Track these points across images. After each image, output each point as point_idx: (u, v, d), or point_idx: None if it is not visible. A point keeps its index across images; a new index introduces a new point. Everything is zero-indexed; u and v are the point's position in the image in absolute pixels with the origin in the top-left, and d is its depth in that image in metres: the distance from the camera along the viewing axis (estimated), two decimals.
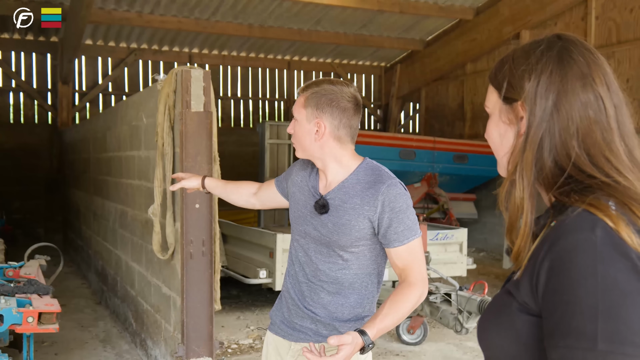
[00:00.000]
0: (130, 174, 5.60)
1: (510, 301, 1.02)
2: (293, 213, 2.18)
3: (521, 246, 1.03)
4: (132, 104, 5.52)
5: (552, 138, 1.02)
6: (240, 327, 6.32)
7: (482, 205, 12.19)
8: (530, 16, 11.06)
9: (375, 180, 1.98)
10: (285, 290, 2.19)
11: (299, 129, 2.06)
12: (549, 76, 1.03)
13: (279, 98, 14.73)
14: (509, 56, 1.12)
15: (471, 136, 12.67)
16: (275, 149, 10.16)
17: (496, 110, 1.13)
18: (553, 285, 0.93)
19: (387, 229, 1.95)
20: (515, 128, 1.08)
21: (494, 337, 1.05)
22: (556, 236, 0.95)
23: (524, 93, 1.05)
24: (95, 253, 7.70)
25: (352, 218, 1.97)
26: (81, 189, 8.98)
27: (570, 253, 0.92)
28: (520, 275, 1.01)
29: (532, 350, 0.98)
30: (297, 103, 2.08)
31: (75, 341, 5.72)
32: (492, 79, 1.14)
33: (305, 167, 2.20)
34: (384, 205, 1.94)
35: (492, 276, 9.14)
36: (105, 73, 13.09)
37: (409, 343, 5.70)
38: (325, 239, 2.03)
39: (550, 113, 1.02)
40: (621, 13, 9.76)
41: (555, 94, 1.02)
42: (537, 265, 0.96)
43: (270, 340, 2.25)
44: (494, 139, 1.15)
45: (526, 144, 1.04)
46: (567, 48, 1.04)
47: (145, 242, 5.07)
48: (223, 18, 11.59)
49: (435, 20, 12.49)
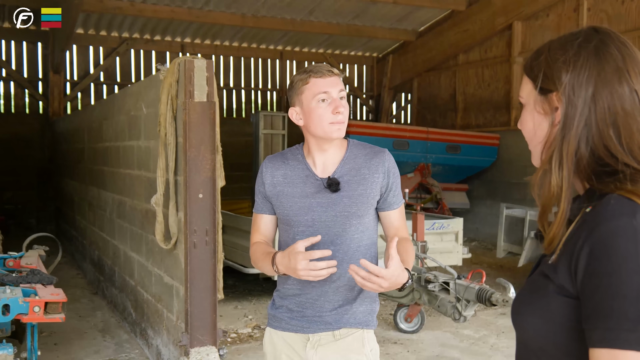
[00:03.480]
0: (128, 163, 5.60)
1: (547, 283, 1.05)
2: (290, 209, 2.12)
3: (556, 232, 1.06)
4: (131, 93, 5.51)
5: (590, 128, 1.05)
6: (239, 317, 6.36)
7: (474, 196, 12.29)
8: (522, 7, 11.12)
9: (374, 151, 2.15)
10: (290, 286, 2.16)
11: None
12: (587, 69, 1.06)
13: (271, 88, 14.72)
14: (545, 47, 1.14)
15: (463, 127, 12.75)
16: (269, 139, 10.16)
17: (531, 100, 1.15)
18: (593, 269, 0.97)
19: (389, 193, 2.14)
20: (549, 118, 1.11)
21: (528, 317, 1.08)
22: (596, 222, 0.99)
23: (561, 84, 1.07)
24: (91, 243, 7.70)
25: (367, 187, 2.10)
26: (75, 179, 8.95)
27: (612, 238, 0.96)
28: (556, 259, 1.04)
29: (567, 331, 1.02)
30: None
31: (73, 331, 5.72)
32: (527, 70, 1.17)
33: (275, 164, 2.17)
34: (388, 171, 2.13)
35: (484, 265, 9.23)
36: (97, 62, 13.00)
37: (406, 331, 5.77)
38: (344, 213, 2.08)
39: (588, 104, 1.05)
40: (613, 5, 9.84)
41: (593, 86, 1.05)
42: (576, 249, 1.00)
43: (276, 339, 2.21)
44: (528, 129, 1.17)
45: (565, 134, 1.07)
46: (604, 41, 1.07)
47: (145, 232, 5.08)
48: (216, 7, 11.55)
49: (428, 11, 12.51)
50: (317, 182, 2.11)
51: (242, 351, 5.32)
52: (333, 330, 2.12)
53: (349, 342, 2.13)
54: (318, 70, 2.07)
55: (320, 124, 2.06)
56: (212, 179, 4.03)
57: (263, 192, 2.18)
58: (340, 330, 2.12)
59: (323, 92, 2.05)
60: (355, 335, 2.14)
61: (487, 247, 11.23)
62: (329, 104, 2.05)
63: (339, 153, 2.15)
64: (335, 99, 2.06)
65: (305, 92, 2.08)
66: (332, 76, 2.07)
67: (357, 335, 2.14)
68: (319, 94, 2.05)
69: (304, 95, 2.08)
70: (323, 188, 2.10)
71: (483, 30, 11.97)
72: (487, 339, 5.70)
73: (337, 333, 2.12)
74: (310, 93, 2.06)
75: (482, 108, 12.49)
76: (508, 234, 7.59)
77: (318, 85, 2.05)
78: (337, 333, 2.12)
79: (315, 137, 2.11)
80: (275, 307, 2.22)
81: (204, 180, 4.01)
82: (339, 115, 2.05)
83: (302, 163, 2.15)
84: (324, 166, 2.14)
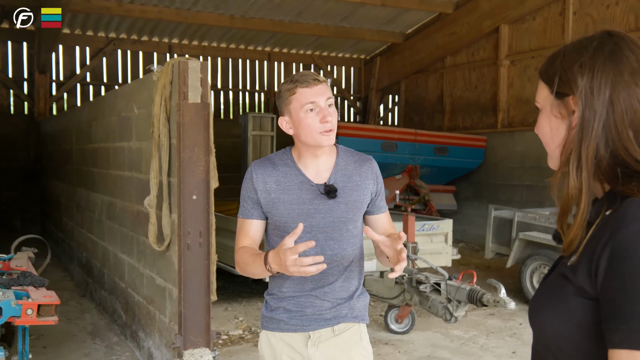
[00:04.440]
0: (119, 165, 5.57)
1: (566, 284, 1.07)
2: (287, 215, 2.12)
3: (575, 233, 1.08)
4: (122, 94, 5.48)
5: (608, 131, 1.07)
6: (229, 318, 6.35)
7: (461, 197, 12.37)
8: (509, 10, 11.22)
9: (362, 159, 2.23)
10: (287, 289, 2.17)
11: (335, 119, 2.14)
12: (603, 72, 1.07)
13: (259, 89, 14.70)
14: (560, 52, 1.16)
15: (450, 129, 12.82)
16: (258, 140, 10.18)
17: (547, 105, 1.17)
18: (615, 271, 0.98)
19: (377, 197, 2.23)
20: (566, 122, 1.13)
21: (547, 317, 1.10)
22: (617, 225, 1.01)
23: (577, 88, 1.09)
24: (79, 245, 7.64)
25: (360, 193, 2.18)
26: (62, 180, 8.88)
27: (634, 241, 0.98)
28: (576, 261, 1.06)
29: (585, 332, 1.04)
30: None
31: (62, 334, 5.68)
32: (542, 75, 1.19)
33: (265, 169, 2.16)
34: (376, 177, 2.22)
35: (472, 266, 9.28)
36: (83, 63, 12.90)
37: (397, 332, 5.79)
38: (341, 219, 2.14)
39: (606, 107, 1.07)
40: (598, 9, 9.96)
41: (610, 88, 1.07)
42: (596, 252, 1.02)
43: (274, 341, 2.21)
44: (545, 133, 1.19)
45: (583, 137, 1.08)
46: (619, 45, 1.09)
47: (136, 234, 5.06)
48: (204, 8, 11.52)
49: (416, 13, 12.58)
50: (312, 188, 2.13)
51: (233, 353, 5.31)
52: (332, 325, 2.18)
53: (348, 336, 2.20)
54: (304, 79, 2.07)
55: (310, 133, 2.08)
56: (206, 181, 4.03)
57: (254, 198, 2.16)
58: (339, 326, 2.19)
59: (310, 102, 2.06)
60: (353, 330, 2.22)
61: (474, 248, 11.30)
62: (317, 114, 2.07)
63: (330, 159, 2.18)
64: (323, 108, 2.07)
65: (293, 103, 2.09)
66: (319, 84, 2.08)
67: (354, 329, 2.22)
68: (307, 104, 2.06)
69: (292, 105, 2.09)
70: (319, 194, 2.12)
71: (470, 33, 12.06)
72: (476, 339, 5.75)
73: (336, 328, 2.19)
74: (298, 103, 2.08)
75: (469, 110, 12.58)
76: (496, 235, 7.65)
77: (305, 95, 2.06)
78: (337, 328, 2.19)
79: (306, 145, 2.13)
80: (271, 309, 2.23)
81: (198, 181, 4.00)
82: (327, 124, 2.07)
83: (293, 169, 2.16)
84: (317, 172, 2.16)
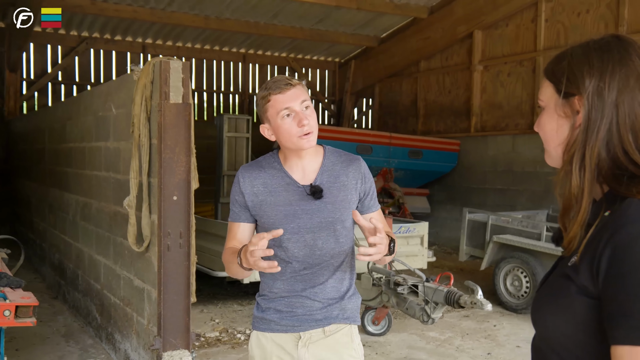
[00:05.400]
0: (95, 165, 5.50)
1: (568, 284, 1.10)
2: (275, 217, 2.14)
3: (576, 232, 1.11)
4: (99, 94, 5.41)
5: (612, 133, 1.10)
6: (205, 320, 6.31)
7: (434, 200, 12.49)
8: (483, 16, 11.39)
9: (349, 158, 2.23)
10: (278, 289, 2.19)
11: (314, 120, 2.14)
12: (610, 74, 1.11)
13: (233, 91, 14.64)
14: (567, 53, 1.18)
15: (424, 132, 12.94)
16: (233, 142, 10.12)
17: (551, 104, 1.19)
18: (616, 270, 1.01)
19: (366, 197, 2.23)
20: (570, 121, 1.15)
21: (550, 316, 1.13)
22: (618, 225, 1.04)
23: (585, 89, 1.12)
24: (51, 246, 7.51)
25: (348, 193, 2.18)
26: (33, 181, 8.72)
27: (633, 241, 1.01)
28: (578, 260, 1.09)
29: (587, 329, 1.07)
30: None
31: (35, 336, 5.58)
32: (548, 74, 1.21)
33: (252, 173, 2.18)
34: (364, 176, 2.22)
35: (445, 268, 9.37)
36: (55, 62, 12.69)
37: (373, 334, 5.83)
38: (328, 220, 2.14)
39: (611, 109, 1.10)
40: (569, 17, 10.17)
41: (616, 91, 1.10)
42: (598, 251, 1.05)
43: (265, 342, 2.21)
44: (546, 131, 1.21)
45: (588, 138, 1.11)
46: (626, 49, 1.12)
47: (113, 235, 5.00)
48: (179, 8, 11.43)
49: (391, 17, 12.67)
50: (299, 189, 2.15)
51: (210, 355, 5.28)
52: (323, 327, 2.18)
53: (339, 337, 2.20)
54: (277, 86, 2.08)
55: (290, 138, 2.10)
56: (186, 181, 4.01)
57: (241, 202, 2.18)
58: (330, 327, 2.19)
59: (285, 108, 2.07)
60: (344, 331, 2.21)
61: (447, 251, 11.42)
62: (293, 118, 2.08)
63: (316, 160, 2.19)
64: (298, 112, 2.08)
65: (269, 110, 2.11)
66: (291, 89, 2.08)
67: (345, 331, 2.22)
68: (282, 110, 2.07)
69: (268, 113, 2.11)
70: (306, 195, 2.14)
71: (444, 38, 12.20)
72: (452, 340, 5.81)
73: (327, 329, 2.19)
74: (274, 110, 2.09)
75: (443, 114, 12.72)
76: (470, 238, 7.75)
77: (279, 101, 2.07)
78: (327, 329, 2.19)
79: (288, 149, 2.15)
80: (262, 310, 2.23)
81: (179, 182, 3.98)
82: (304, 127, 2.07)
83: (280, 171, 2.18)
84: (303, 174, 2.17)
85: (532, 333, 1.24)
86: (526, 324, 6.24)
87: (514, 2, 10.80)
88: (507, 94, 11.32)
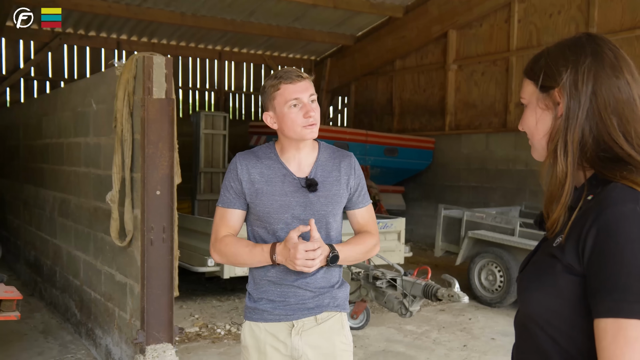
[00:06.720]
0: (74, 161, 5.47)
1: (554, 263, 1.18)
2: (270, 206, 2.19)
3: (559, 213, 1.20)
4: (78, 89, 5.39)
5: (592, 118, 1.19)
6: (185, 316, 6.32)
7: (409, 197, 12.64)
8: (457, 16, 11.55)
9: (342, 154, 2.30)
10: (270, 278, 2.23)
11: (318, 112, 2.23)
12: (586, 66, 1.20)
13: (209, 88, 14.60)
14: (544, 52, 1.29)
15: (399, 131, 13.08)
16: (210, 139, 10.11)
17: (533, 100, 1.29)
18: (600, 249, 1.09)
19: (355, 192, 2.30)
20: (552, 112, 1.25)
21: (535, 293, 1.21)
22: (602, 206, 1.12)
23: (562, 81, 1.21)
24: (26, 243, 7.43)
25: (340, 188, 2.26)
26: (7, 177, 8.61)
27: (617, 222, 1.09)
28: (564, 240, 1.17)
29: (572, 305, 1.15)
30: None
31: (12, 333, 5.53)
32: (527, 72, 1.31)
33: (250, 161, 2.23)
34: (355, 172, 2.30)
35: (420, 264, 9.50)
36: (27, 57, 12.51)
37: (352, 327, 5.90)
38: (321, 212, 2.22)
39: (589, 96, 1.19)
40: (541, 18, 10.39)
41: (593, 80, 1.20)
42: (583, 231, 1.13)
43: (258, 332, 2.25)
44: (530, 126, 1.31)
45: (568, 124, 1.20)
46: (598, 44, 1.23)
47: (94, 230, 4.99)
48: (155, 5, 11.37)
49: (366, 16, 12.77)
50: (294, 181, 2.21)
51: (191, 350, 5.31)
52: (315, 315, 2.24)
53: (330, 324, 2.27)
54: (288, 76, 2.16)
55: (294, 128, 2.16)
56: (169, 176, 4.04)
57: (237, 189, 2.22)
58: (321, 314, 2.25)
59: (294, 98, 2.14)
60: (335, 318, 2.28)
61: (422, 247, 11.57)
62: (300, 109, 2.15)
63: (311, 154, 2.26)
64: (306, 103, 2.16)
65: (277, 98, 2.17)
66: (302, 81, 2.16)
67: (336, 318, 2.29)
68: (290, 100, 2.14)
69: (276, 101, 2.17)
70: (300, 187, 2.20)
71: (419, 38, 12.34)
72: (429, 333, 5.93)
73: (318, 317, 2.25)
74: (282, 99, 2.15)
75: (418, 113, 12.88)
76: (446, 234, 7.89)
77: (289, 91, 2.15)
78: (319, 317, 2.25)
79: (289, 138, 2.20)
80: (254, 300, 2.27)
81: (162, 177, 4.01)
82: (310, 119, 2.15)
83: (276, 162, 2.23)
84: (299, 166, 2.23)
85: (506, 326, 1.32)
86: (500, 317, 6.39)
87: (488, 3, 10.99)
88: (480, 93, 11.51)
